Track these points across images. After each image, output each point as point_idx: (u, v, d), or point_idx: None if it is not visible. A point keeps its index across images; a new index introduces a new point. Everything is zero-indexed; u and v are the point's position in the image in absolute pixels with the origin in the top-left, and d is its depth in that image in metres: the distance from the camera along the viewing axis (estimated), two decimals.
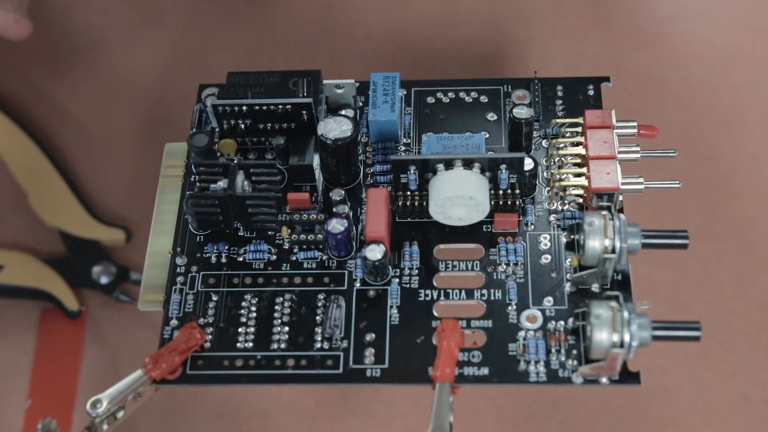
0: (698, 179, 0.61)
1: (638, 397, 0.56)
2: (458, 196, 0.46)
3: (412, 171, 0.47)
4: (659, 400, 0.56)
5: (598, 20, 0.68)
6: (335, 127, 0.48)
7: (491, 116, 0.52)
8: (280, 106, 0.49)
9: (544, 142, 0.50)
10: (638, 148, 0.48)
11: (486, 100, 0.52)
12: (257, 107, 0.49)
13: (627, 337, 0.42)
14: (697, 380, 0.56)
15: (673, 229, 0.45)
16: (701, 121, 0.64)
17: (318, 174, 0.50)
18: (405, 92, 0.53)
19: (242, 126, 0.50)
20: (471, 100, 0.52)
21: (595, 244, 0.44)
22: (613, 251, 0.44)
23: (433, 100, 0.52)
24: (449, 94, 0.53)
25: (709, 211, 0.60)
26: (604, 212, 0.45)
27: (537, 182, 0.49)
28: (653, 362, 0.55)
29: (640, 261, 0.46)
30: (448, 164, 0.46)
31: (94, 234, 0.62)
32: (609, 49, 0.67)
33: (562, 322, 0.45)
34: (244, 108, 0.49)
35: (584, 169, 0.47)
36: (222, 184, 0.47)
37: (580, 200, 0.48)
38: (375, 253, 0.46)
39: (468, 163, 0.46)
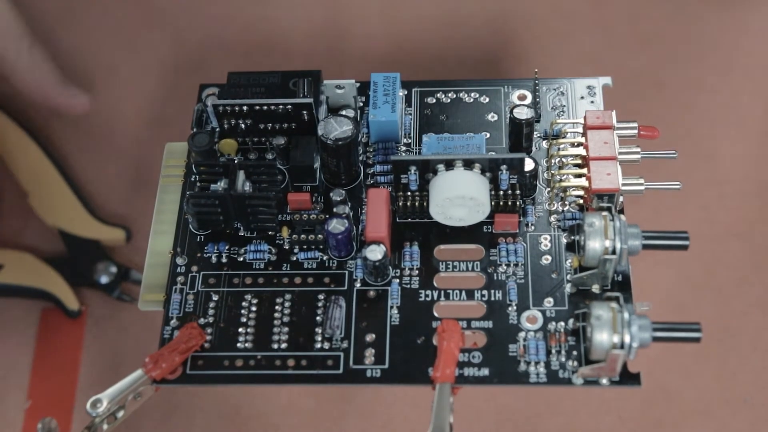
0: (698, 180, 0.61)
1: (638, 399, 0.56)
2: (459, 197, 0.46)
3: (412, 171, 0.47)
4: (659, 402, 0.55)
5: (598, 21, 0.68)
6: (336, 128, 0.48)
7: (492, 117, 0.52)
8: (281, 106, 0.49)
9: (545, 143, 0.50)
10: (639, 149, 0.48)
11: (486, 101, 0.52)
12: (257, 107, 0.49)
13: (627, 338, 0.42)
14: (697, 381, 0.56)
15: (673, 230, 0.45)
16: (701, 122, 0.64)
17: (318, 174, 0.50)
18: (405, 92, 0.53)
19: (243, 126, 0.50)
20: (471, 101, 0.52)
21: (595, 245, 0.44)
22: (614, 252, 0.44)
23: (434, 101, 0.52)
24: (450, 94, 0.53)
25: (710, 212, 0.60)
26: (605, 213, 0.45)
27: (537, 183, 0.49)
28: (653, 363, 0.55)
29: (640, 262, 0.46)
30: (449, 165, 0.46)
31: (94, 233, 0.62)
32: (609, 49, 0.67)
33: (562, 323, 0.45)
34: (245, 108, 0.49)
35: (585, 170, 0.47)
36: (222, 184, 0.47)
37: (581, 201, 0.48)
38: (375, 253, 0.46)
39: (468, 164, 0.46)
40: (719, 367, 0.56)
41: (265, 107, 0.49)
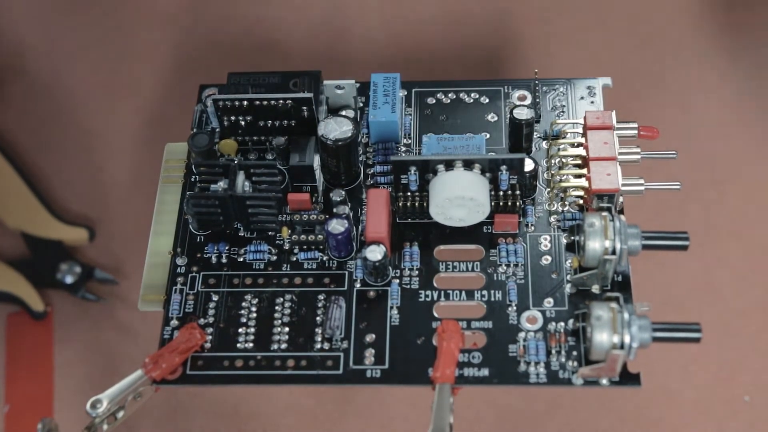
0: (698, 180, 0.61)
1: (638, 399, 0.56)
2: (458, 197, 0.46)
3: (412, 172, 0.47)
4: (659, 402, 0.56)
5: (598, 21, 0.68)
6: (336, 128, 0.48)
7: (492, 117, 0.52)
8: (281, 101, 0.49)
9: (545, 143, 0.50)
10: (638, 149, 0.48)
11: (486, 101, 0.52)
12: (258, 102, 0.49)
13: (627, 339, 0.42)
14: (697, 381, 0.56)
15: (673, 230, 0.45)
16: (701, 122, 0.64)
17: (318, 174, 0.50)
18: (405, 93, 0.53)
19: (243, 123, 0.50)
20: (471, 101, 0.52)
21: (595, 245, 0.44)
22: (614, 252, 0.44)
23: (434, 101, 0.52)
24: (450, 94, 0.53)
25: (709, 212, 0.60)
26: (605, 213, 0.45)
27: (537, 183, 0.49)
28: (653, 363, 0.55)
29: (640, 262, 0.46)
30: (449, 165, 0.46)
31: (56, 234, 0.61)
32: (609, 49, 0.67)
33: (562, 324, 0.45)
34: (245, 103, 0.49)
35: (585, 170, 0.47)
36: (222, 184, 0.47)
37: (581, 201, 0.48)
38: (375, 253, 0.46)
39: (468, 164, 0.46)
40: (719, 367, 0.56)
41: (266, 102, 0.49)
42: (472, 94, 0.52)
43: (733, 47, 0.67)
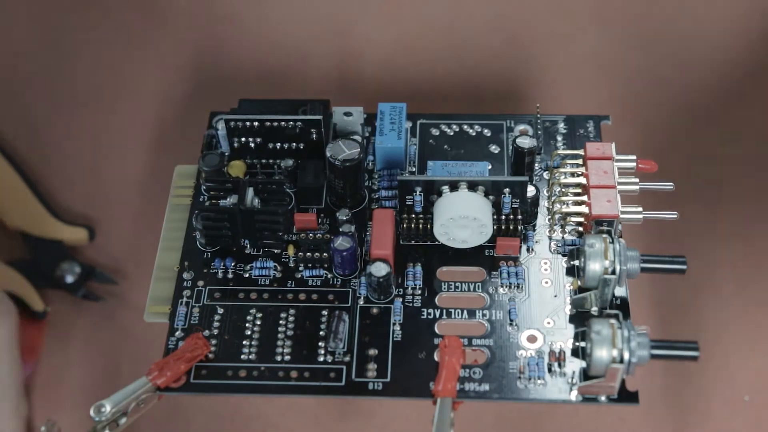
0: (698, 180, 0.61)
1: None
2: (462, 217, 0.47)
3: (417, 192, 0.48)
4: (659, 401, 0.55)
5: (598, 21, 0.69)
6: (344, 149, 0.49)
7: (494, 148, 0.53)
8: (291, 123, 0.50)
9: (546, 174, 0.52)
10: (637, 180, 0.49)
11: (489, 134, 0.54)
12: (268, 123, 0.50)
13: (627, 354, 0.43)
14: (697, 381, 0.56)
15: (671, 254, 0.46)
16: (701, 122, 0.64)
17: (324, 197, 0.51)
18: (411, 124, 0.54)
19: (252, 145, 0.51)
20: (474, 134, 0.54)
21: (595, 266, 0.45)
22: (613, 273, 0.45)
23: (438, 132, 0.54)
24: (453, 126, 0.54)
25: (710, 211, 0.60)
26: (605, 235, 0.46)
27: (538, 210, 0.50)
28: (653, 363, 0.54)
29: None
30: (453, 186, 0.47)
31: (56, 234, 0.61)
32: (609, 49, 0.67)
33: (561, 344, 0.46)
34: (255, 124, 0.50)
35: (585, 197, 0.49)
36: (232, 200, 0.48)
37: (580, 228, 0.49)
38: (380, 269, 0.46)
39: (472, 186, 0.47)
40: (719, 367, 0.56)
41: (275, 123, 0.50)
42: (476, 127, 0.54)
43: (732, 47, 0.67)
